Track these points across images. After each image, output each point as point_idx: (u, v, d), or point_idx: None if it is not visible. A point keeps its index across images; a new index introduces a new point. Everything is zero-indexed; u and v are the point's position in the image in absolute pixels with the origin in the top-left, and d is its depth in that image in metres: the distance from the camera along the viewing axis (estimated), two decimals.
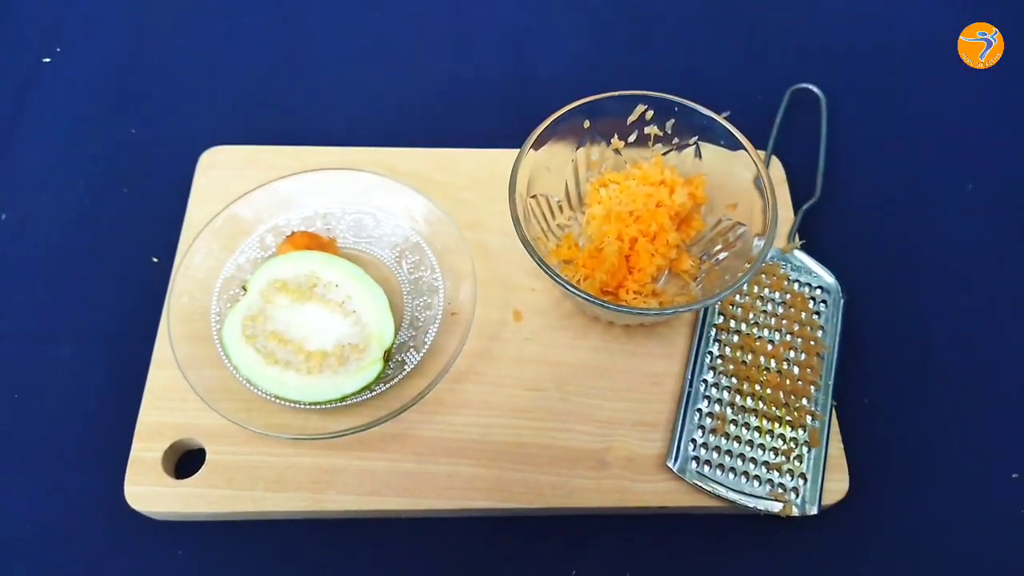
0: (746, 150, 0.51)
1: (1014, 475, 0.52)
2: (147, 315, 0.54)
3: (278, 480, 0.48)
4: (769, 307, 0.55)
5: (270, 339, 0.47)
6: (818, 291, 0.56)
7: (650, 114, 0.55)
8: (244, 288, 0.49)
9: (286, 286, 0.48)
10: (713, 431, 0.50)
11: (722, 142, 0.53)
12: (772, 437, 0.50)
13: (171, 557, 0.48)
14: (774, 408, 0.51)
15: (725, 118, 0.53)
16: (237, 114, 0.66)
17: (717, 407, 0.51)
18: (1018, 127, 0.69)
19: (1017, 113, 0.70)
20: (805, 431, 0.51)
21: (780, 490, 0.49)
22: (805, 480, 0.49)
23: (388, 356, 0.47)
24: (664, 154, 0.56)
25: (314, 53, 0.71)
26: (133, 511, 0.47)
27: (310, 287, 0.48)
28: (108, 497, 0.48)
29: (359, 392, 0.47)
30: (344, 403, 0.49)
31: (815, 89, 0.65)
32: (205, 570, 0.48)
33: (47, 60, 0.69)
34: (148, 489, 0.47)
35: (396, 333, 0.47)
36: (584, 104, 0.53)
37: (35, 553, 0.48)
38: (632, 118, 0.55)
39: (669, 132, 0.55)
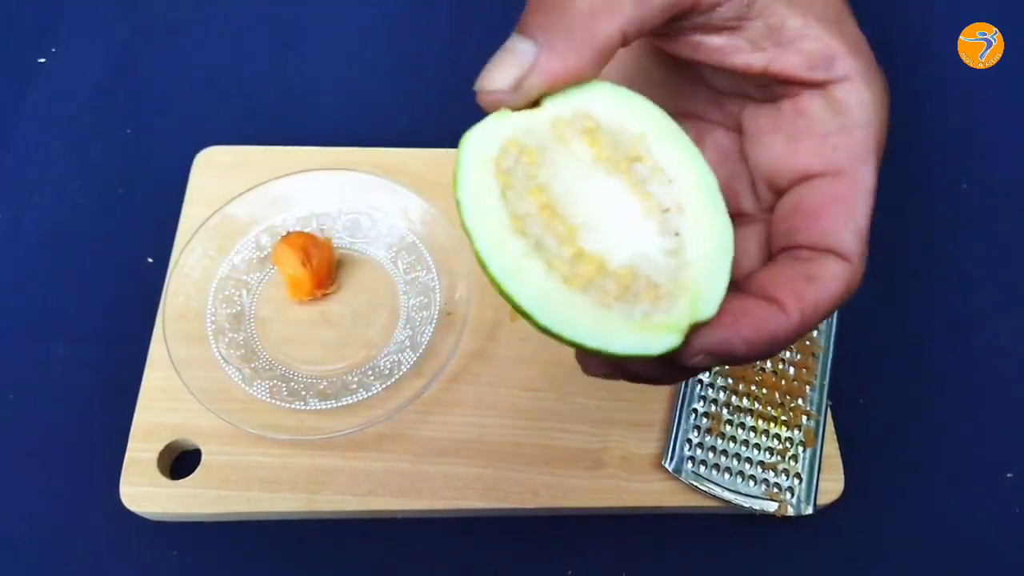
0: None
1: (1009, 475, 0.53)
2: (142, 315, 0.53)
3: (273, 480, 0.48)
4: None
5: (532, 197, 0.26)
6: None
7: None
8: (537, 103, 0.27)
9: (597, 132, 0.26)
10: (709, 431, 0.50)
11: None
12: (767, 437, 0.50)
13: (166, 558, 0.48)
14: (769, 408, 0.51)
15: None
16: (233, 114, 0.66)
17: (713, 407, 0.51)
18: (1016, 127, 0.69)
19: (1016, 113, 0.70)
20: (800, 431, 0.51)
21: (775, 490, 0.49)
22: (800, 480, 0.49)
23: (692, 329, 0.25)
24: None
25: (310, 53, 0.71)
26: (128, 511, 0.47)
27: (630, 157, 0.26)
28: (103, 498, 0.48)
29: (624, 357, 0.25)
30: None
31: None
32: (200, 571, 0.48)
33: (42, 60, 0.69)
34: (143, 490, 0.47)
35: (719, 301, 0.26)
36: None
37: (30, 554, 0.48)
38: None
39: None
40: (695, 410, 0.51)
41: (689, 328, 0.25)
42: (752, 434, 0.51)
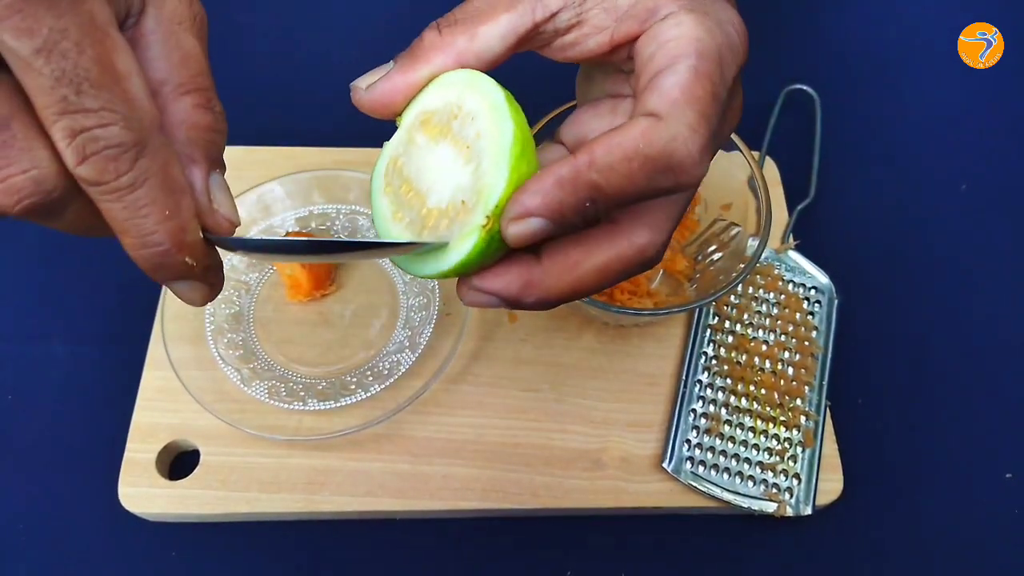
0: (740, 151, 0.51)
1: (1008, 475, 0.53)
2: (141, 315, 0.53)
3: (272, 481, 0.48)
4: (763, 307, 0.55)
5: (403, 187, 0.34)
6: (812, 291, 0.56)
7: None
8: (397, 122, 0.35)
9: (430, 120, 0.32)
10: (708, 431, 0.50)
11: None
12: (766, 437, 0.50)
13: (165, 558, 0.48)
14: (768, 408, 0.51)
15: None
16: (232, 115, 0.66)
17: (712, 408, 0.51)
18: (1015, 127, 0.69)
19: (1016, 113, 0.70)
20: (799, 431, 0.51)
21: (774, 490, 0.49)
22: (799, 480, 0.49)
23: (493, 223, 0.29)
24: None
25: (309, 53, 0.70)
26: (127, 512, 0.47)
27: (450, 120, 0.32)
28: (102, 498, 0.48)
29: (462, 269, 0.30)
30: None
31: (810, 90, 0.65)
32: (199, 571, 0.47)
33: None
34: (142, 490, 0.47)
35: (509, 188, 0.28)
36: (575, 106, 0.53)
37: (29, 554, 0.47)
38: None
39: None
40: (694, 410, 0.51)
41: (489, 220, 0.29)
42: (751, 434, 0.51)
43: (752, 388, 0.52)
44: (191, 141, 0.27)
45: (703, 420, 0.51)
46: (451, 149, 0.32)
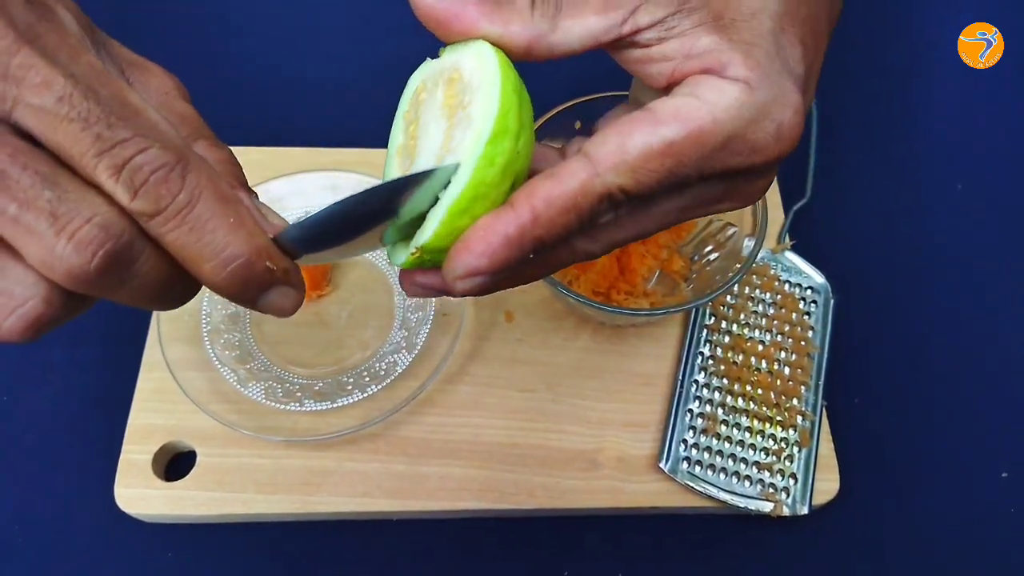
0: None
1: (1004, 474, 0.53)
2: (137, 317, 0.53)
3: (269, 482, 0.48)
4: (760, 308, 0.55)
5: (411, 128, 0.32)
6: (808, 291, 0.56)
7: None
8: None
9: (455, 83, 0.30)
10: (704, 431, 0.51)
11: None
12: (763, 437, 0.51)
13: (161, 559, 0.48)
14: (765, 408, 0.51)
15: None
16: (227, 115, 0.66)
17: (708, 407, 0.51)
18: (1013, 127, 0.69)
19: (1015, 114, 0.70)
20: (796, 431, 0.51)
21: (771, 490, 0.49)
22: (796, 480, 0.49)
23: (420, 255, 0.28)
24: None
25: (304, 54, 0.70)
26: (123, 513, 0.47)
27: (462, 103, 0.29)
28: (98, 499, 0.48)
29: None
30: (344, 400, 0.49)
31: None
32: (195, 572, 0.47)
33: None
34: (138, 491, 0.47)
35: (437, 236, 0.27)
36: (576, 105, 0.53)
37: (25, 555, 0.47)
38: None
39: None
40: (690, 410, 0.51)
41: (418, 251, 0.28)
42: (748, 434, 0.51)
43: (748, 388, 0.52)
44: (221, 172, 0.27)
45: (700, 420, 0.51)
46: (449, 122, 0.29)
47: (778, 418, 0.51)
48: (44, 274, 0.22)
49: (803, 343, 0.54)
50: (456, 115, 0.29)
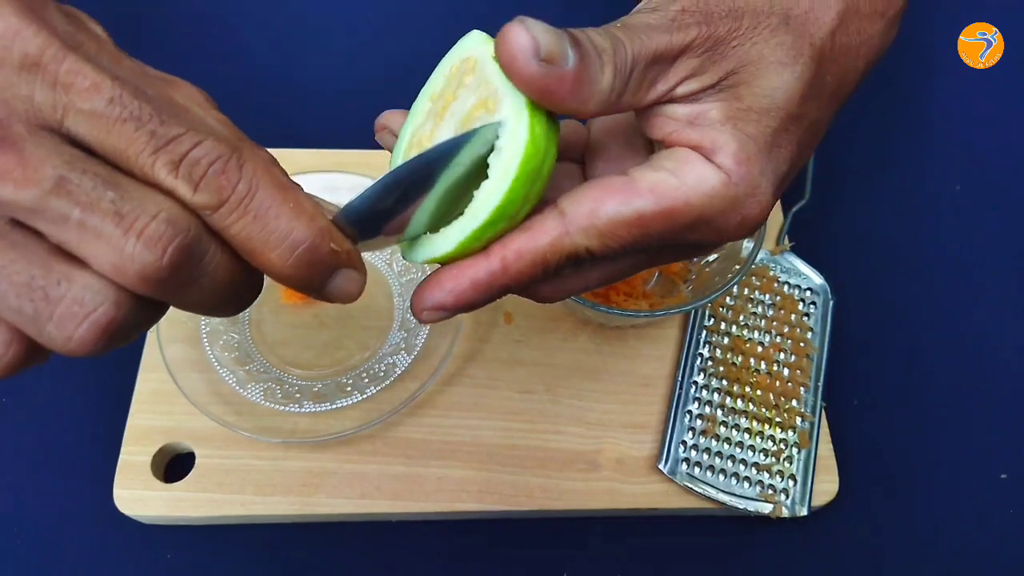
0: None
1: (1003, 475, 0.53)
2: None
3: (267, 484, 0.48)
4: (759, 309, 0.55)
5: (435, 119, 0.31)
6: (807, 293, 0.56)
7: None
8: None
9: (486, 102, 0.28)
10: (703, 433, 0.51)
11: None
12: (762, 438, 0.51)
13: (160, 561, 0.47)
14: (764, 409, 0.51)
15: None
16: (229, 116, 0.66)
17: (707, 409, 0.51)
18: (1012, 127, 0.69)
19: (1015, 114, 0.70)
20: (795, 432, 0.51)
21: (770, 491, 0.49)
22: (795, 481, 0.49)
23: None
24: None
25: (305, 55, 0.70)
26: (122, 515, 0.47)
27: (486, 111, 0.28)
28: (97, 501, 0.48)
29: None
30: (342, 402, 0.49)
31: None
32: (194, 574, 0.47)
33: None
34: (137, 493, 0.47)
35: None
36: None
37: (24, 557, 0.47)
38: None
39: None
40: (690, 412, 0.51)
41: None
42: (747, 436, 0.51)
43: (748, 389, 0.52)
44: None
45: (699, 421, 0.51)
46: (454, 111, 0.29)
47: (777, 419, 0.51)
48: (114, 279, 0.22)
49: (802, 344, 0.54)
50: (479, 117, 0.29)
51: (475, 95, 0.28)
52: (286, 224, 0.24)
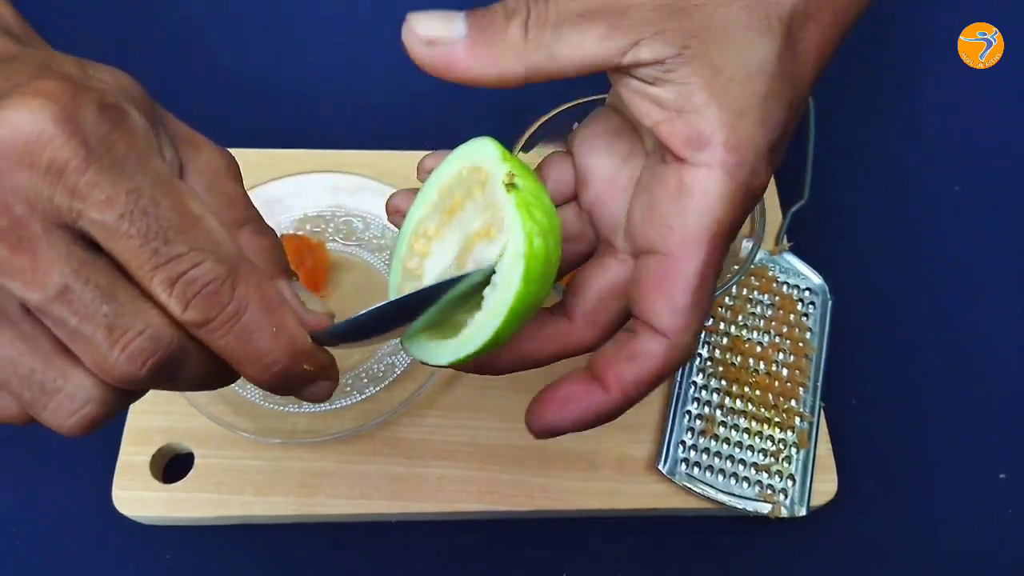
0: None
1: (1002, 475, 0.53)
2: None
3: (267, 484, 0.48)
4: (758, 309, 0.55)
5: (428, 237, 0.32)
6: (806, 293, 0.56)
7: None
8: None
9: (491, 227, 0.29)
10: (702, 433, 0.51)
11: None
12: (761, 438, 0.51)
13: (159, 561, 0.48)
14: (763, 409, 0.51)
15: None
16: (225, 117, 0.66)
17: (706, 409, 0.51)
18: (1012, 128, 0.69)
19: (1015, 114, 0.70)
20: (794, 432, 0.51)
21: (769, 491, 0.49)
22: (794, 481, 0.49)
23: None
24: None
25: (302, 55, 0.70)
26: (121, 516, 0.47)
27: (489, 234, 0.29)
28: (96, 502, 0.48)
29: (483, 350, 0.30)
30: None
31: None
32: (193, 574, 0.47)
33: None
34: (136, 494, 0.47)
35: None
36: (575, 107, 0.53)
37: (23, 557, 0.47)
38: None
39: None
40: (688, 412, 0.51)
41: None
42: (745, 436, 0.51)
43: (747, 389, 0.52)
44: (265, 262, 0.28)
45: (698, 422, 0.51)
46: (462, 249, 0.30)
47: (776, 419, 0.51)
48: (101, 377, 0.25)
49: (801, 344, 0.54)
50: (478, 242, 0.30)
51: (480, 218, 0.29)
52: (265, 346, 0.26)
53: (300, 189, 0.56)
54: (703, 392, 0.52)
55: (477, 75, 0.28)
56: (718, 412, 0.51)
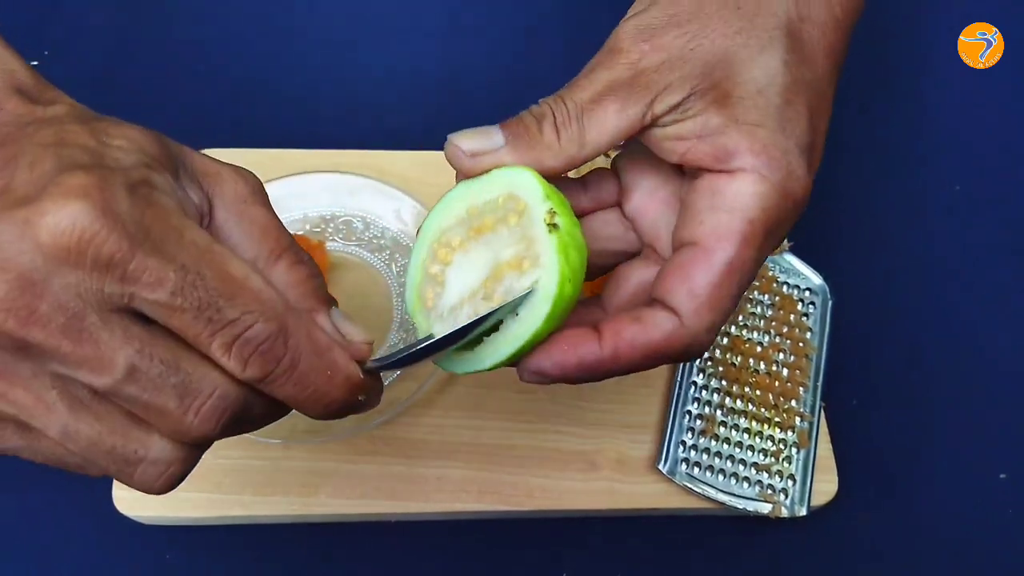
0: None
1: (1002, 475, 0.53)
2: None
3: (267, 484, 0.48)
4: (758, 309, 0.55)
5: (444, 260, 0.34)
6: (806, 293, 0.56)
7: None
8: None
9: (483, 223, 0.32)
10: (702, 433, 0.51)
11: None
12: (761, 438, 0.51)
13: (159, 561, 0.48)
14: (763, 409, 0.51)
15: None
16: (225, 117, 0.66)
17: (707, 409, 0.51)
18: (1012, 127, 0.69)
19: (1015, 114, 0.70)
20: (794, 432, 0.51)
21: (769, 491, 0.49)
22: (794, 481, 0.49)
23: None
24: None
25: (302, 56, 0.70)
26: (121, 515, 0.47)
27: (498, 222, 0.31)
28: (96, 501, 0.48)
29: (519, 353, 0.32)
30: None
31: None
32: (194, 574, 0.47)
33: (35, 63, 0.68)
34: (136, 494, 0.46)
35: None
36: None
37: (24, 557, 0.47)
38: None
39: None
40: (689, 412, 0.51)
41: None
42: (746, 436, 0.51)
43: (747, 389, 0.52)
44: (303, 296, 0.29)
45: (698, 421, 0.51)
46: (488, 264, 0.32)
47: (776, 419, 0.51)
48: (177, 440, 0.26)
49: (801, 344, 0.54)
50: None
51: (514, 248, 0.30)
52: (323, 388, 0.27)
53: (300, 189, 0.56)
54: (703, 392, 0.52)
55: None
56: (718, 412, 0.51)
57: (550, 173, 0.31)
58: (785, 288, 0.56)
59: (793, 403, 0.52)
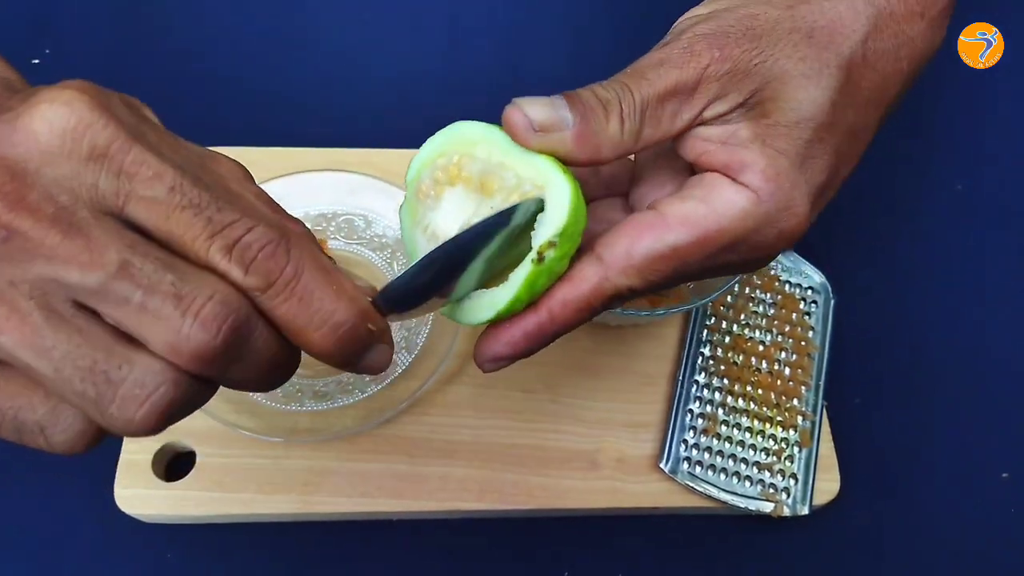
0: None
1: (1004, 475, 0.53)
2: None
3: (268, 482, 0.48)
4: (760, 308, 0.55)
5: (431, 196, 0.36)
6: (809, 291, 0.56)
7: None
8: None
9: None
10: (704, 432, 0.50)
11: None
12: (763, 437, 0.51)
13: (161, 560, 0.47)
14: (765, 408, 0.51)
15: None
16: (227, 116, 0.66)
17: (708, 408, 0.51)
18: (1012, 127, 0.69)
19: (1015, 114, 0.70)
20: (796, 431, 0.51)
21: (771, 490, 0.49)
22: (796, 480, 0.49)
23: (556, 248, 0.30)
24: None
25: (304, 54, 0.70)
26: (123, 514, 0.47)
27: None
28: (98, 500, 0.47)
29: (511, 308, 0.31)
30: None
31: None
32: (195, 573, 0.47)
33: (36, 62, 0.69)
34: (138, 492, 0.47)
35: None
36: None
37: (24, 556, 0.47)
38: None
39: None
40: (691, 411, 0.51)
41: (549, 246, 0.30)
42: (748, 435, 0.51)
43: (749, 388, 0.52)
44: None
45: (700, 420, 0.51)
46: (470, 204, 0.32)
47: (778, 418, 0.51)
48: (170, 358, 0.23)
49: (803, 343, 0.54)
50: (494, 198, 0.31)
51: (509, 199, 0.31)
52: (329, 306, 0.25)
53: (302, 188, 0.56)
54: (705, 391, 0.52)
55: (575, 159, 0.30)
56: (720, 411, 0.51)
57: (596, 164, 0.31)
58: (787, 287, 0.56)
59: (795, 402, 0.52)
